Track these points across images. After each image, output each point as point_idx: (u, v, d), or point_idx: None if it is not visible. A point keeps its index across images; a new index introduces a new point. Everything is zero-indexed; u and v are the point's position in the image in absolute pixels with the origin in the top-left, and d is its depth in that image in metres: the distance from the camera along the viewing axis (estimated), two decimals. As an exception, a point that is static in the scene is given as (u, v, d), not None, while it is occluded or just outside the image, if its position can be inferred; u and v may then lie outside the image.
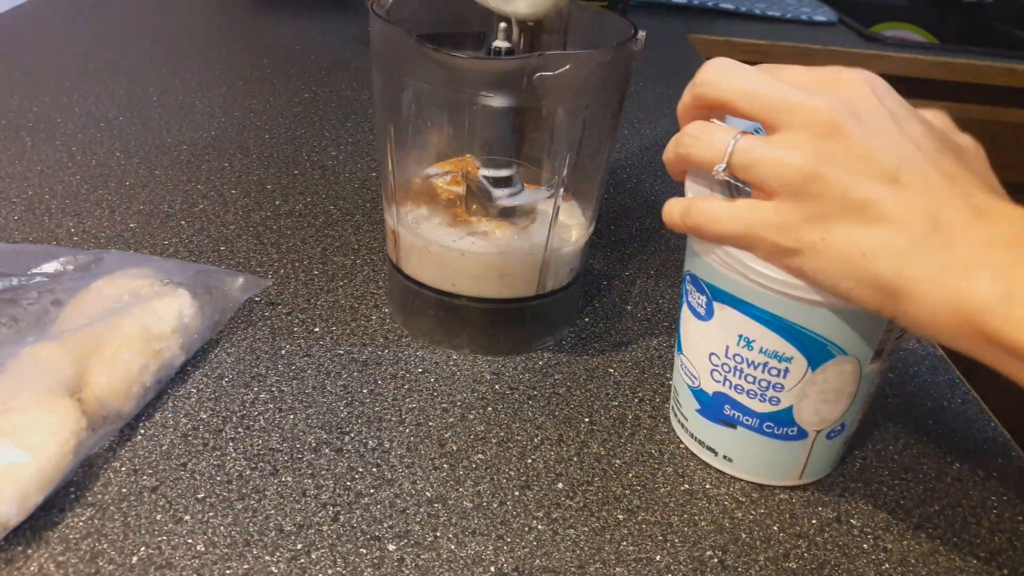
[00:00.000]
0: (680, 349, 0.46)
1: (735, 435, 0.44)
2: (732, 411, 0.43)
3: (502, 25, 0.53)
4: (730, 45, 1.33)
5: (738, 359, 0.41)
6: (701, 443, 0.46)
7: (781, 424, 0.42)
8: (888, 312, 0.35)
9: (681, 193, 0.41)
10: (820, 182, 0.34)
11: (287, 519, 0.40)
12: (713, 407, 0.44)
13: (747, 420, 0.43)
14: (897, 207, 0.33)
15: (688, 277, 0.43)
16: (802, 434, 0.42)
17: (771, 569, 0.39)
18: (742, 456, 0.44)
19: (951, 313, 0.32)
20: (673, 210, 0.41)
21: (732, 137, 0.37)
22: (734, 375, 0.42)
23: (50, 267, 0.52)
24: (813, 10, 1.53)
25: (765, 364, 0.40)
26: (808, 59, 1.31)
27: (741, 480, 0.45)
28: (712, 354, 0.42)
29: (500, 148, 0.52)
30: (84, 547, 0.38)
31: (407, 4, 0.52)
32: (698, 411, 0.45)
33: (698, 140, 0.38)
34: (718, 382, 0.43)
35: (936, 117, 0.38)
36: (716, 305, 0.41)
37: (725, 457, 0.45)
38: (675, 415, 0.48)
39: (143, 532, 0.39)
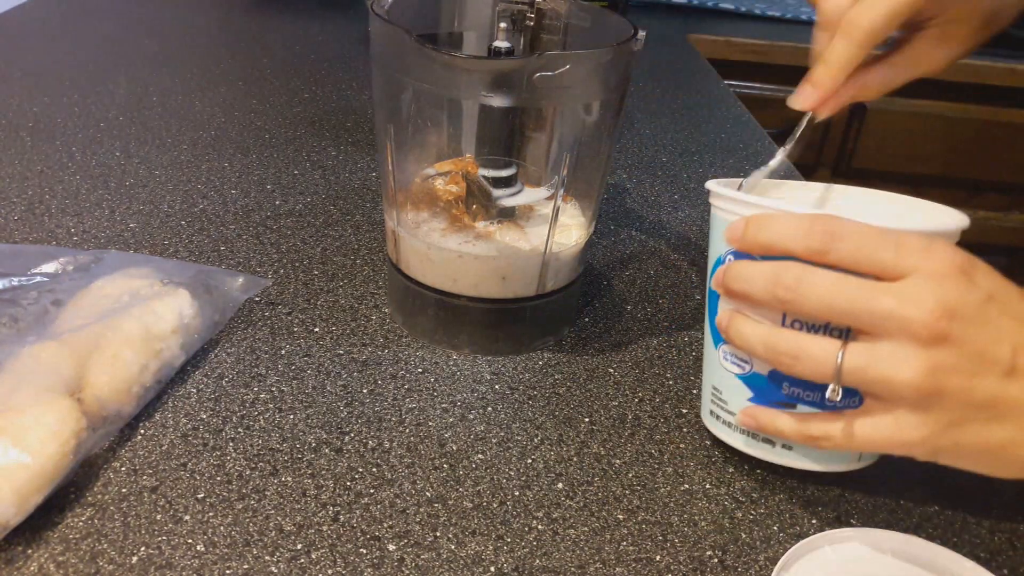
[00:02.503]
0: (717, 341, 0.43)
1: (794, 414, 0.41)
2: (791, 388, 0.40)
3: (502, 25, 0.53)
4: (730, 45, 1.33)
5: (797, 325, 0.39)
6: (754, 436, 0.44)
7: (846, 394, 0.38)
8: None
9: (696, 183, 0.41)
10: (939, 395, 0.33)
11: (287, 519, 0.40)
12: (769, 389, 0.41)
13: (808, 395, 0.40)
14: (1022, 398, 0.33)
15: (729, 257, 0.41)
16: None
17: (771, 569, 0.39)
18: None
19: None
20: (780, 425, 0.39)
21: (836, 352, 0.34)
22: None
23: (50, 267, 0.52)
24: (813, 10, 1.53)
25: (827, 325, 0.38)
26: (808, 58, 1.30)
27: (742, 480, 0.45)
28: None
29: (500, 148, 0.52)
30: (84, 547, 0.38)
31: (407, 4, 0.52)
32: (751, 399, 0.42)
33: (798, 360, 0.36)
34: None
35: (1010, 281, 0.37)
36: None
37: (784, 446, 0.43)
38: (716, 417, 0.45)
39: (143, 532, 0.39)
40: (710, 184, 0.44)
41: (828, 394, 0.36)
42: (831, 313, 0.35)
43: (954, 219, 0.42)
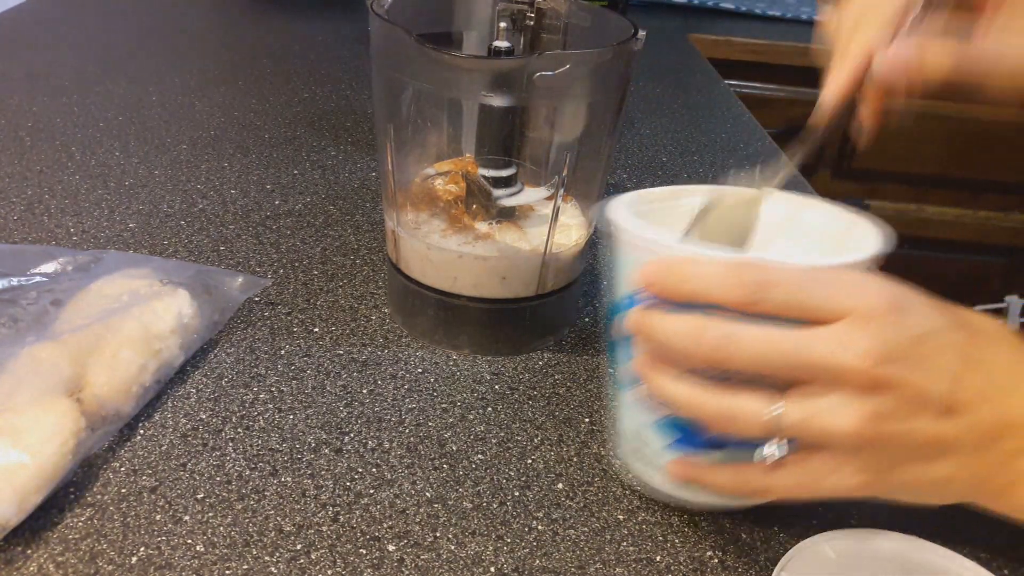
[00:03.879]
0: (632, 383, 0.40)
1: (723, 456, 0.38)
2: None
3: (502, 25, 0.53)
4: (730, 45, 1.33)
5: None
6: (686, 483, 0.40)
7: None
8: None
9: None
10: (880, 441, 0.32)
11: (287, 519, 0.40)
12: (693, 432, 0.38)
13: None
14: (960, 434, 0.32)
15: (641, 298, 0.37)
16: None
17: (771, 569, 0.39)
18: None
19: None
20: (716, 479, 0.37)
21: (772, 410, 0.33)
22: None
23: (49, 267, 0.52)
24: (814, 10, 1.53)
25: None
26: (808, 58, 1.30)
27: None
28: None
29: (500, 148, 0.52)
30: (84, 547, 0.38)
31: (407, 4, 0.52)
32: (675, 444, 0.39)
33: (733, 421, 0.34)
34: None
35: (945, 309, 0.35)
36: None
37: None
38: (638, 463, 0.42)
39: (142, 532, 0.39)
40: (612, 214, 0.39)
41: (766, 451, 0.34)
42: (764, 368, 0.33)
43: (877, 239, 0.39)
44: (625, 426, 0.42)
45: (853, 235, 0.41)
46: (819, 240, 0.42)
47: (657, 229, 0.37)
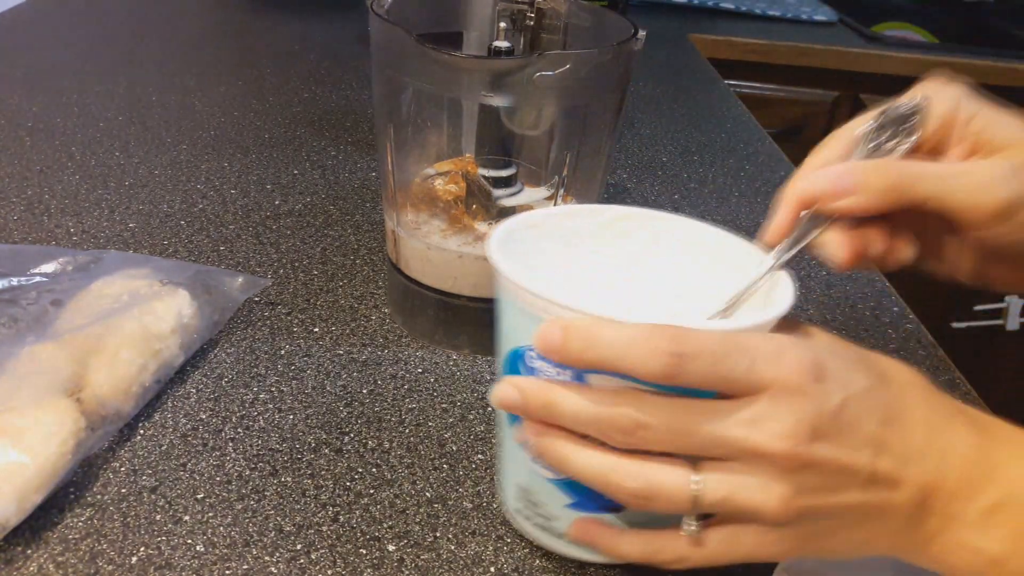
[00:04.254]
0: (516, 439, 0.36)
1: (629, 515, 0.36)
2: None
3: (502, 25, 0.53)
4: (730, 45, 1.33)
5: None
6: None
7: None
8: None
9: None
10: (802, 516, 0.32)
11: (287, 519, 0.40)
12: (593, 493, 0.34)
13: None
14: (882, 502, 0.32)
15: (531, 354, 0.34)
16: None
17: (771, 569, 0.39)
18: None
19: (965, 560, 0.33)
20: (624, 548, 0.35)
21: (691, 485, 0.31)
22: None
23: (49, 267, 0.52)
24: (813, 10, 1.53)
25: None
26: (809, 58, 1.30)
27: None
28: None
29: (500, 148, 0.52)
30: (83, 547, 0.38)
31: (407, 4, 0.52)
32: (573, 506, 0.36)
33: (650, 500, 0.32)
34: None
35: (859, 355, 0.34)
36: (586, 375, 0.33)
37: None
38: (528, 519, 0.39)
39: (142, 532, 0.39)
40: (493, 252, 0.35)
41: (684, 529, 0.33)
42: (679, 450, 0.31)
43: (788, 290, 0.36)
44: (512, 481, 0.39)
45: (745, 262, 0.38)
46: (718, 271, 0.40)
47: (542, 282, 0.33)
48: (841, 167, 0.36)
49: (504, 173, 0.52)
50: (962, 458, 0.32)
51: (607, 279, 0.42)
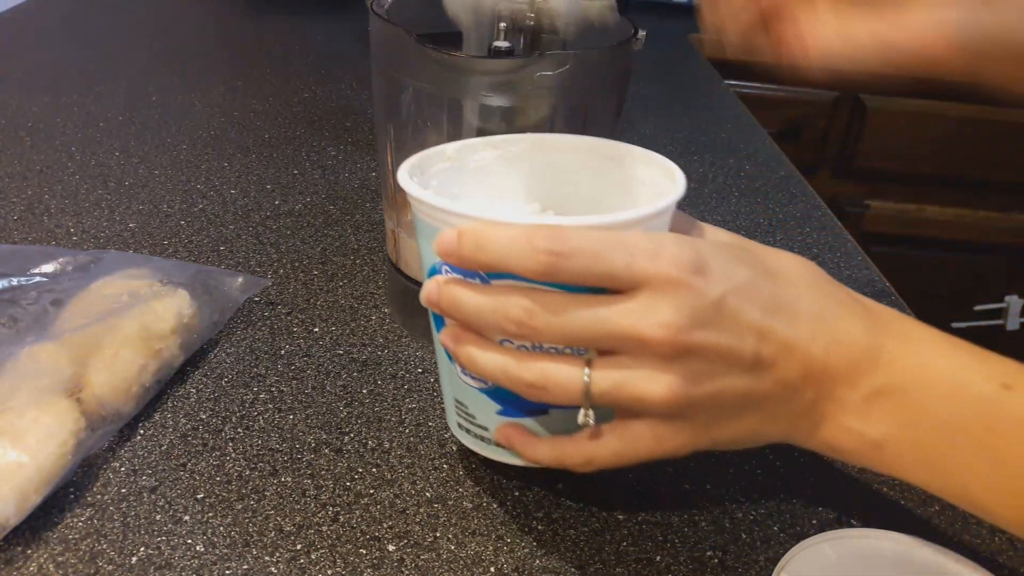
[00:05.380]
0: (444, 355, 0.39)
1: (549, 420, 0.38)
2: None
3: (502, 25, 0.53)
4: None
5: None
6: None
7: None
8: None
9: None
10: (691, 404, 0.33)
11: (287, 519, 0.40)
12: (517, 400, 0.36)
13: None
14: (768, 388, 0.33)
15: (445, 268, 0.36)
16: None
17: (771, 569, 0.39)
18: None
19: (848, 443, 0.35)
20: (537, 452, 0.37)
21: (583, 377, 0.33)
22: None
23: (49, 267, 0.52)
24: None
25: None
26: (808, 59, 1.30)
27: (742, 481, 0.45)
28: None
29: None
30: (83, 547, 0.38)
31: (407, 4, 0.52)
32: (500, 412, 0.38)
33: (545, 390, 0.33)
34: None
35: (746, 250, 0.36)
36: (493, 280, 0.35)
37: None
38: (465, 431, 0.41)
39: (142, 532, 0.39)
40: (402, 179, 0.37)
41: (579, 419, 0.34)
42: (568, 341, 0.33)
43: (672, 183, 0.38)
44: (450, 396, 0.41)
45: (660, 181, 0.40)
46: (632, 189, 0.41)
47: (445, 194, 0.36)
48: None
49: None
50: (849, 346, 0.34)
51: (525, 205, 0.44)
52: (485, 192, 0.43)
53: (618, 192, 0.42)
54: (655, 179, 0.40)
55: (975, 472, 0.33)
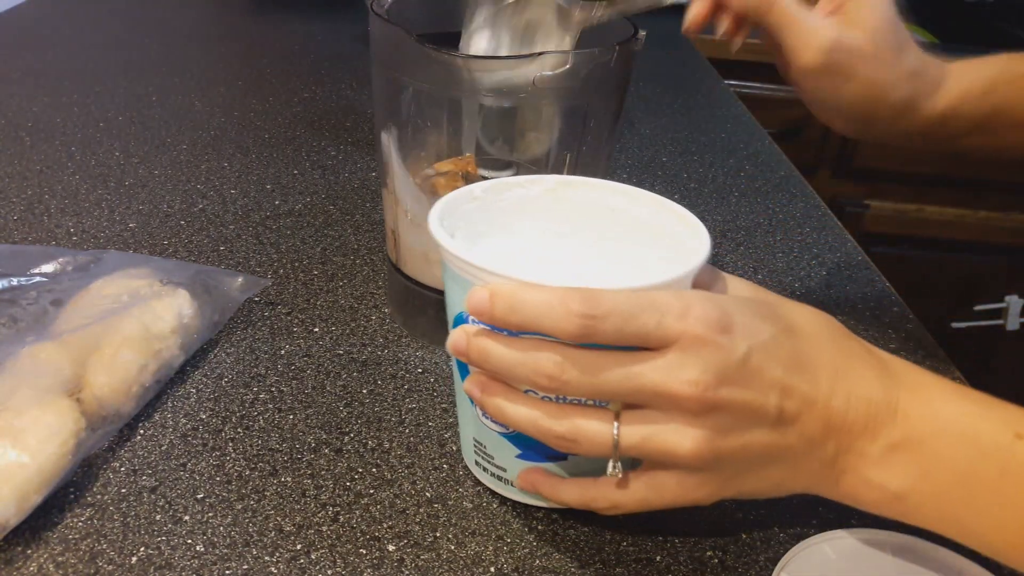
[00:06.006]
0: (466, 397, 0.38)
1: (569, 465, 0.39)
2: None
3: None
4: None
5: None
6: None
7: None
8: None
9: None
10: (718, 458, 0.34)
11: (287, 519, 0.40)
12: (538, 445, 0.36)
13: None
14: (791, 441, 0.34)
15: (466, 319, 0.36)
16: None
17: (771, 569, 0.39)
18: None
19: (871, 496, 0.35)
20: (563, 495, 0.38)
21: (613, 430, 0.34)
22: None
23: (49, 267, 0.52)
24: None
25: None
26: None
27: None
28: None
29: (500, 148, 0.52)
30: (83, 547, 0.38)
31: (407, 4, 0.52)
32: (520, 456, 0.39)
33: (576, 443, 0.34)
34: None
35: (767, 305, 0.36)
36: None
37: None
38: (483, 469, 0.42)
39: (142, 532, 0.39)
40: (434, 229, 0.37)
41: (608, 471, 0.35)
42: (598, 395, 0.34)
43: (703, 241, 0.38)
44: (469, 435, 0.42)
45: (680, 232, 0.40)
46: (653, 237, 0.42)
47: (471, 234, 0.37)
48: None
49: (504, 174, 0.52)
50: (867, 400, 0.34)
51: (550, 244, 0.44)
52: (510, 231, 0.43)
53: (639, 237, 0.42)
54: (675, 229, 0.41)
55: (992, 519, 0.34)
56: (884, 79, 0.43)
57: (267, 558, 0.38)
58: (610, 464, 0.35)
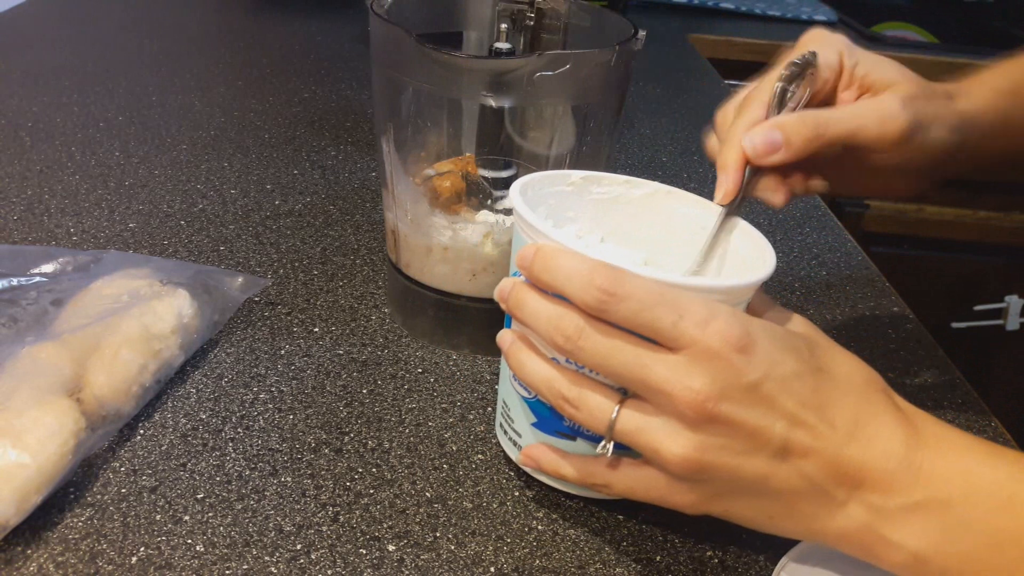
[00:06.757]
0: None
1: (574, 447, 0.39)
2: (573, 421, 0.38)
3: (503, 26, 0.53)
4: (730, 45, 1.33)
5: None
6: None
7: (619, 445, 0.37)
8: None
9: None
10: (705, 471, 0.34)
11: (287, 519, 0.40)
12: (551, 419, 0.39)
13: (589, 431, 0.37)
14: (790, 476, 0.33)
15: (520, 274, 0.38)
16: None
17: (771, 569, 0.39)
18: None
19: (889, 555, 0.34)
20: (562, 468, 0.39)
21: (612, 410, 0.35)
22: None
23: (49, 267, 0.52)
24: (813, 10, 1.53)
25: None
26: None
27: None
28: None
29: (500, 148, 0.52)
30: (83, 547, 0.38)
31: (407, 4, 0.52)
32: (534, 425, 0.40)
33: (577, 409, 0.35)
34: None
35: (809, 343, 0.36)
36: None
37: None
38: (503, 432, 0.43)
39: (142, 532, 0.39)
40: (513, 191, 0.40)
41: (598, 449, 0.36)
42: (605, 372, 0.34)
43: (760, 268, 0.38)
44: (501, 395, 0.43)
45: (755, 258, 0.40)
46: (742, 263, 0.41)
47: (558, 217, 0.39)
48: (768, 126, 0.41)
49: (504, 174, 0.52)
50: (885, 454, 0.33)
51: (632, 244, 0.45)
52: (597, 224, 0.45)
53: (718, 258, 0.42)
54: (748, 253, 0.41)
55: None
56: (941, 110, 0.43)
57: (267, 558, 0.38)
58: (601, 442, 0.36)
